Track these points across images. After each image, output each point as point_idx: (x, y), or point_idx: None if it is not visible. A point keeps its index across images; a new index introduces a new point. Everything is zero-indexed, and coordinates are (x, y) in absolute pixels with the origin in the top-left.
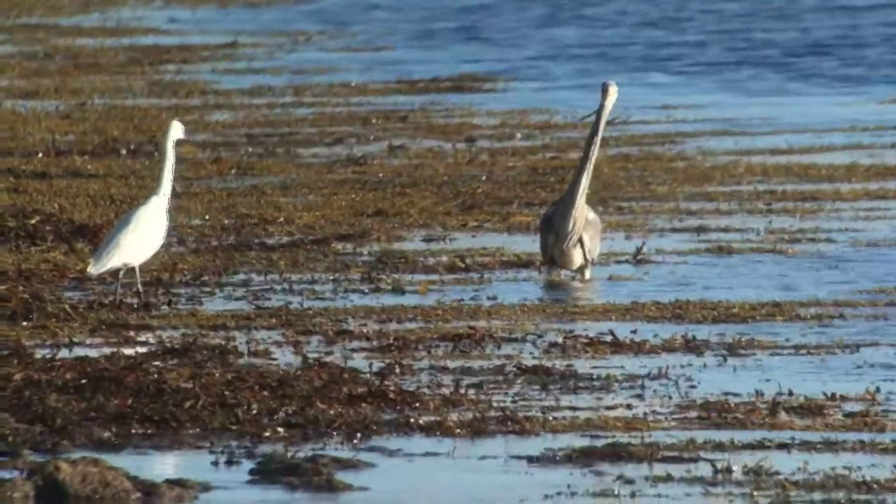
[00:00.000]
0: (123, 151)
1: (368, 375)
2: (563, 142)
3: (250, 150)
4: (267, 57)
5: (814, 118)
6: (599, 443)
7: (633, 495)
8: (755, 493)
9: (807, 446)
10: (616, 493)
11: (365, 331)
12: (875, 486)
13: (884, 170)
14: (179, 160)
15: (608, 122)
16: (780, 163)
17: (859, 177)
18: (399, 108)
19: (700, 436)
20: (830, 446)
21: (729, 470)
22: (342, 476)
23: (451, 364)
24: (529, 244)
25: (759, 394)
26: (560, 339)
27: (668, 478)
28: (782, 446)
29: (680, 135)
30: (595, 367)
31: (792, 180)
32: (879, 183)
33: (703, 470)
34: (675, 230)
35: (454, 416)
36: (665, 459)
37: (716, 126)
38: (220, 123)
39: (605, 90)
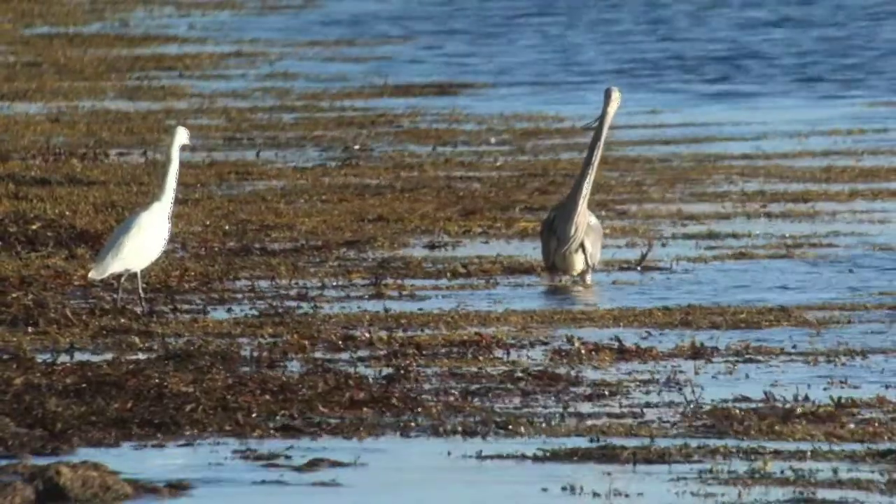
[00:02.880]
0: (116, 155)
1: (372, 381)
2: (545, 147)
3: (241, 153)
4: (263, 63)
5: (792, 122)
6: (600, 446)
7: (631, 499)
8: (746, 492)
9: (807, 454)
10: (612, 495)
11: (369, 336)
12: (867, 487)
13: (864, 172)
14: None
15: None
16: (761, 165)
17: (842, 178)
18: (386, 112)
19: (700, 441)
20: (829, 452)
21: (723, 472)
22: (341, 477)
23: (456, 370)
24: (532, 250)
25: (768, 398)
26: (566, 346)
27: (665, 479)
28: (779, 453)
29: (662, 140)
30: (601, 374)
31: (774, 182)
32: (867, 184)
33: (700, 472)
34: (675, 235)
35: (455, 420)
36: (663, 462)
37: (697, 131)
38: (211, 127)
39: (608, 95)
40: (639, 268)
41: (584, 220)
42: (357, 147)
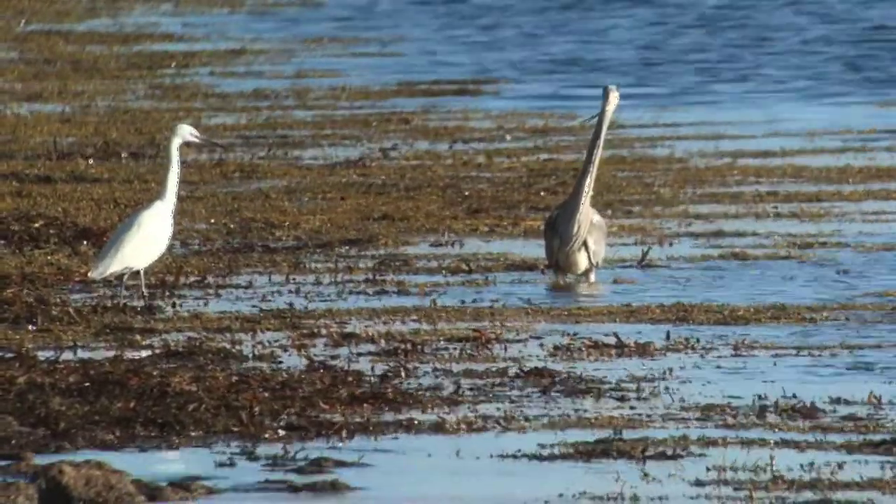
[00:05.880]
0: (124, 155)
1: (371, 378)
2: (558, 144)
3: (249, 151)
4: (272, 61)
5: (805, 122)
6: (599, 442)
7: (634, 498)
8: (751, 491)
9: (801, 446)
10: (614, 492)
11: (370, 333)
12: (866, 485)
13: (878, 172)
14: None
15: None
16: (775, 165)
17: (856, 178)
18: (399, 111)
19: (696, 434)
20: (825, 446)
21: (724, 468)
22: (345, 477)
23: (454, 367)
24: (537, 248)
25: (761, 397)
26: (564, 342)
27: (665, 476)
28: (778, 444)
29: (673, 138)
30: (598, 370)
31: (789, 182)
32: (879, 184)
33: (699, 469)
34: (684, 234)
35: (455, 417)
36: (662, 458)
37: (708, 130)
38: (223, 126)
39: (606, 94)
40: (640, 264)
41: (587, 218)
42: (390, 147)
